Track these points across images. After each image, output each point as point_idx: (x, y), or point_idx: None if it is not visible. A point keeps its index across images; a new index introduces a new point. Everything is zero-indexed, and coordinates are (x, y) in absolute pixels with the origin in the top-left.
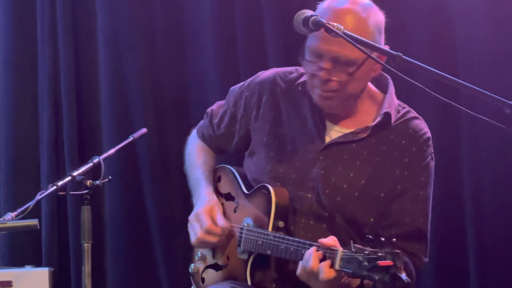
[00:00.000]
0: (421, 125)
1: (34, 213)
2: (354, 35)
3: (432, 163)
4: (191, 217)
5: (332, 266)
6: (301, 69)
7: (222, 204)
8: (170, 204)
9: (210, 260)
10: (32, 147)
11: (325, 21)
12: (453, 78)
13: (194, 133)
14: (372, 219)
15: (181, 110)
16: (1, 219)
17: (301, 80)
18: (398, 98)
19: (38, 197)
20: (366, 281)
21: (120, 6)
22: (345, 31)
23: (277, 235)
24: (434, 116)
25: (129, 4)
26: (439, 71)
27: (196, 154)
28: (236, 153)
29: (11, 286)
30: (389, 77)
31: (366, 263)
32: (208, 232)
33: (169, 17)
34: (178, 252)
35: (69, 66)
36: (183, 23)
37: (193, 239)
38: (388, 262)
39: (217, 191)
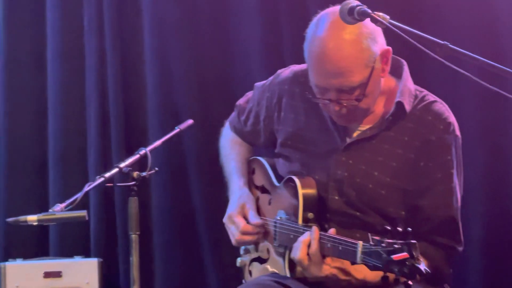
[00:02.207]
0: (441, 109)
1: (82, 204)
2: (400, 24)
3: (457, 150)
4: (226, 220)
5: (354, 259)
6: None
7: (258, 198)
8: (216, 194)
9: (254, 253)
10: (79, 139)
11: (370, 11)
12: (503, 67)
13: (227, 125)
14: (403, 212)
15: (227, 100)
16: (50, 210)
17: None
18: (443, 89)
19: (86, 188)
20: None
21: (165, 1)
22: (390, 20)
23: (307, 227)
24: (481, 107)
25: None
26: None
27: (229, 147)
28: (266, 147)
29: (61, 276)
30: (403, 61)
31: (384, 256)
32: (244, 232)
33: (213, 7)
34: (225, 242)
35: (115, 58)
36: (227, 12)
37: (232, 240)
38: (403, 255)
39: (252, 183)
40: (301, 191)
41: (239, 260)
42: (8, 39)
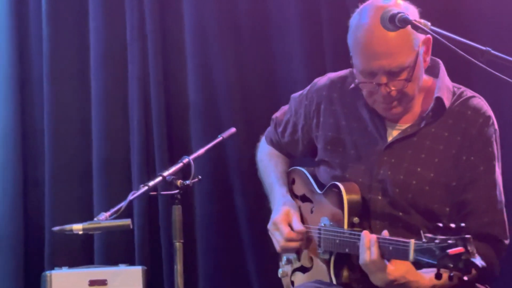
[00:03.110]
0: (480, 103)
1: (126, 213)
2: (441, 31)
3: (497, 143)
4: (270, 227)
5: (406, 258)
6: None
7: (299, 207)
8: (259, 202)
9: (296, 263)
10: (123, 148)
11: (411, 18)
12: None
13: (263, 139)
14: (447, 209)
15: (269, 108)
16: (95, 219)
17: (356, 82)
18: (486, 94)
19: (130, 197)
20: (442, 270)
21: (206, 5)
22: (431, 27)
23: (353, 232)
24: None
25: (215, 3)
26: None
27: (267, 160)
28: (304, 157)
29: (106, 284)
30: (439, 61)
31: (438, 252)
32: (288, 239)
33: (255, 14)
34: (268, 250)
35: (157, 67)
36: (269, 20)
37: (277, 247)
38: (459, 250)
39: (292, 194)
40: (345, 196)
41: (280, 271)
42: (52, 49)
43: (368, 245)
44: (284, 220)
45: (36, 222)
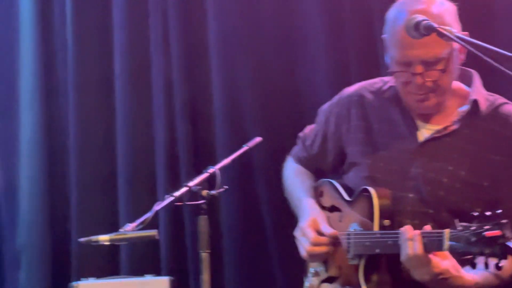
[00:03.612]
0: None
1: (152, 223)
2: (466, 37)
3: None
4: (297, 233)
5: (441, 247)
6: (385, 79)
7: (327, 218)
8: (286, 212)
9: (323, 274)
10: (148, 158)
11: (436, 25)
12: None
13: (289, 159)
14: (479, 209)
15: (294, 117)
16: (121, 230)
17: (386, 87)
18: None
19: (156, 208)
20: (477, 259)
21: (230, 14)
22: (456, 34)
23: (385, 232)
24: None
25: (239, 12)
26: None
27: (293, 177)
28: (333, 171)
29: None
30: (474, 71)
31: (474, 238)
32: (316, 243)
33: (279, 24)
34: (295, 260)
35: (182, 77)
36: (293, 29)
37: (303, 253)
38: (496, 232)
39: (320, 206)
40: (376, 200)
41: (307, 284)
42: (77, 61)
43: (411, 240)
44: (311, 226)
45: (62, 234)
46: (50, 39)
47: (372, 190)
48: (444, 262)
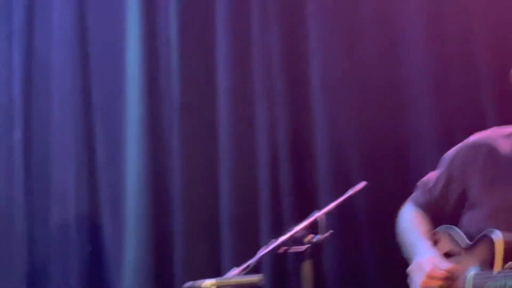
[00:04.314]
0: None
1: (255, 268)
2: None
3: None
4: (412, 267)
5: None
6: None
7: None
8: (391, 257)
9: None
10: (251, 202)
11: None
12: None
13: (408, 203)
14: None
15: (399, 163)
16: (226, 275)
17: None
18: None
19: (261, 253)
20: None
21: (335, 54)
22: None
23: (508, 271)
24: None
25: (345, 52)
26: None
27: (410, 220)
28: (453, 214)
29: None
30: None
31: None
32: (431, 277)
33: (385, 64)
34: None
35: (284, 120)
36: (400, 71)
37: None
38: None
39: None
40: (499, 241)
41: None
42: (183, 83)
43: None
44: (428, 261)
45: (168, 278)
46: (155, 64)
47: (495, 232)
48: None
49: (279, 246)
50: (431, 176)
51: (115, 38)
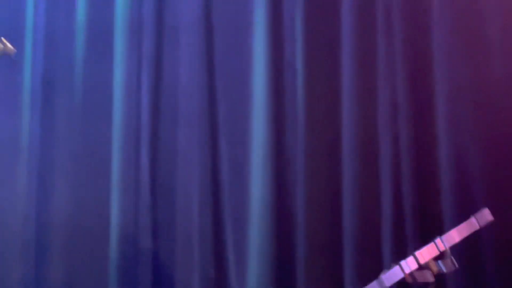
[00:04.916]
0: None
1: None
2: None
3: None
4: None
5: None
6: None
7: None
8: None
9: None
10: (374, 220)
11: None
12: None
13: None
14: None
15: None
16: None
17: None
18: None
19: (383, 277)
20: None
21: (460, 73)
22: None
23: None
24: None
25: (468, 70)
26: None
27: None
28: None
29: None
30: None
31: None
32: None
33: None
34: None
35: (407, 134)
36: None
37: None
38: None
39: None
40: None
41: None
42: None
43: None
44: None
45: None
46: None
47: None
48: None
49: (402, 278)
50: None
51: (240, 65)
